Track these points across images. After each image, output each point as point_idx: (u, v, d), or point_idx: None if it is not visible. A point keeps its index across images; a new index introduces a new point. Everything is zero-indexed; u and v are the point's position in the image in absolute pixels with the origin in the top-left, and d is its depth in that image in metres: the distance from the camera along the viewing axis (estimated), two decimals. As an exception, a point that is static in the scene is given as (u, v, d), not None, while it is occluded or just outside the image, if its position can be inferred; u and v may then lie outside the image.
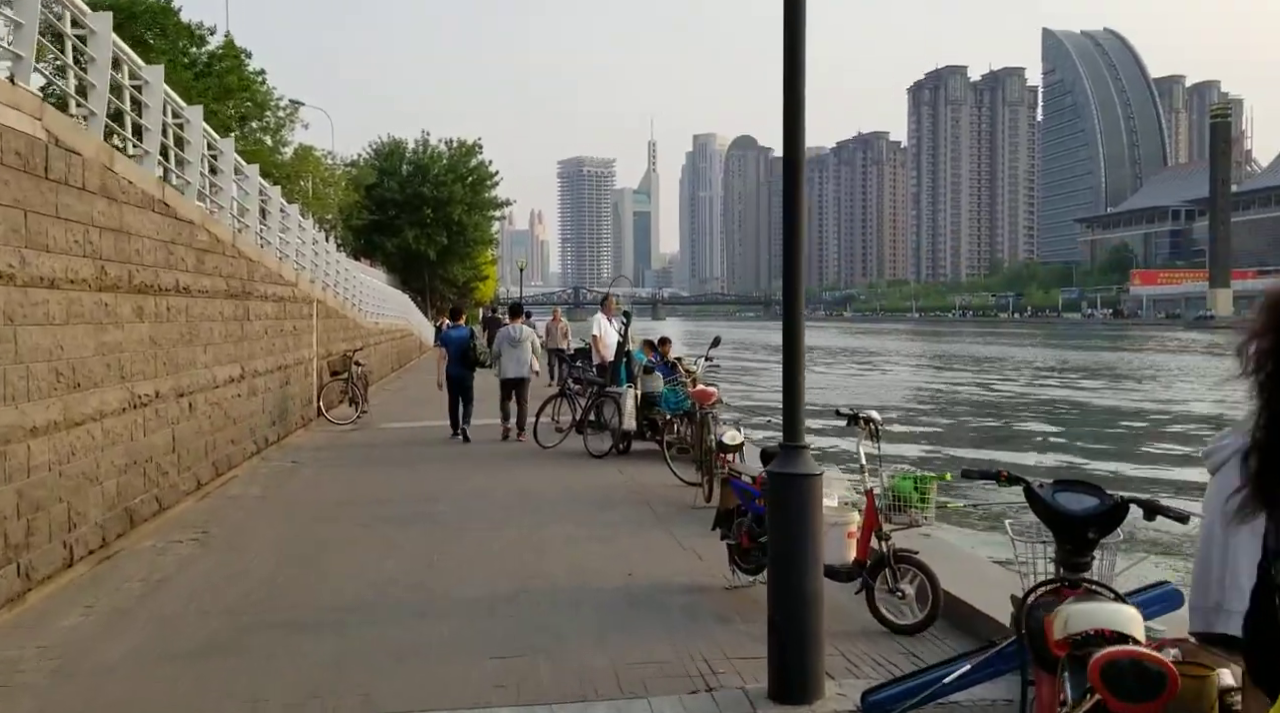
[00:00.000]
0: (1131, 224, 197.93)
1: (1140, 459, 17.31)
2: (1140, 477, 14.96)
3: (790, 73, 3.97)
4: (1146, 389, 31.82)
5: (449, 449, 12.49)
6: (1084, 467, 15.84)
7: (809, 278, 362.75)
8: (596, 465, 10.63)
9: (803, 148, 4.02)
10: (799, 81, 3.96)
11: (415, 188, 49.04)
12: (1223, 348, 61.90)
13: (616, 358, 11.65)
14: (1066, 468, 15.75)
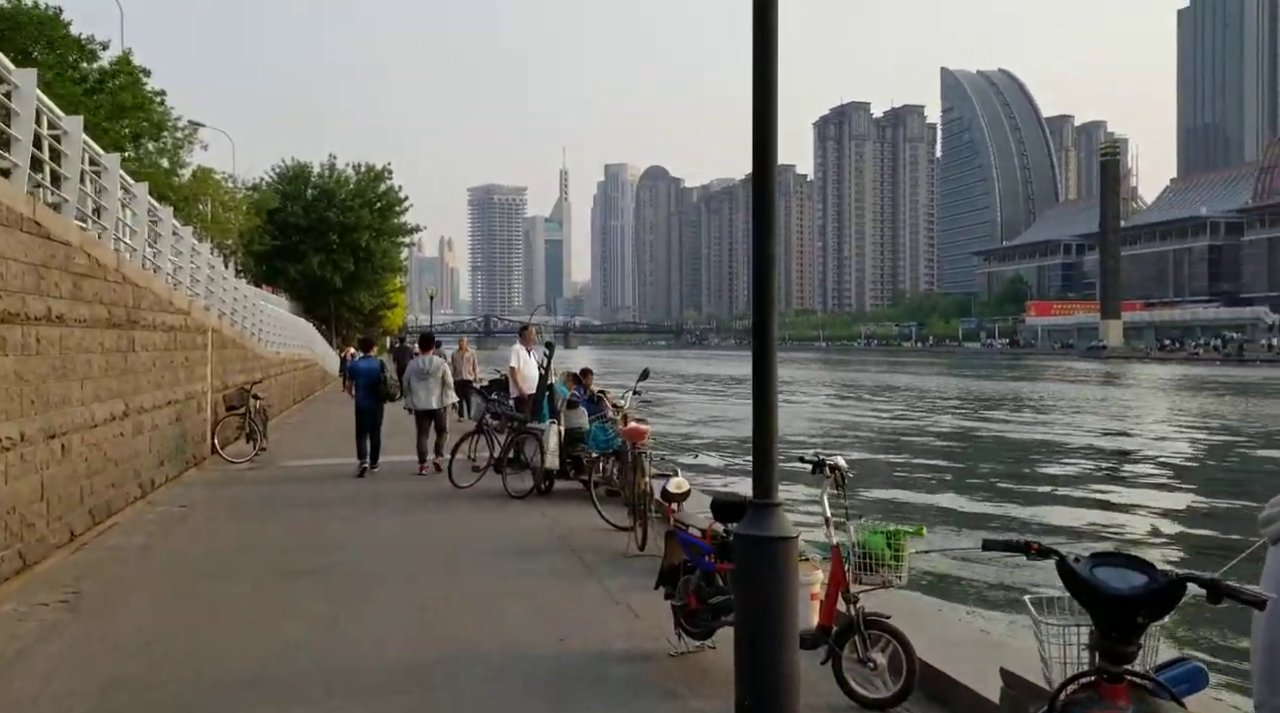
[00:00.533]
0: (1026, 257, 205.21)
1: (1048, 500, 17.29)
2: (1052, 523, 14.89)
3: (762, 97, 3.52)
4: (1054, 419, 32.35)
5: (357, 489, 11.67)
6: (987, 507, 15.39)
7: (718, 305, 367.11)
8: (517, 508, 9.96)
9: (773, 177, 3.55)
10: (771, 107, 3.51)
11: (321, 213, 47.68)
12: (1117, 378, 64.11)
13: (538, 392, 11.03)
14: (995, 512, 15.56)
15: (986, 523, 12.86)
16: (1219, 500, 15.20)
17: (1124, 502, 15.31)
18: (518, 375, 13.81)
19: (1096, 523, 12.93)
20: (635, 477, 7.64)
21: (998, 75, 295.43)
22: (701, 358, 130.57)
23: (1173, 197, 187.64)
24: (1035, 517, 13.85)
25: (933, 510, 14.18)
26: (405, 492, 11.28)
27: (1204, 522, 13.52)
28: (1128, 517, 13.92)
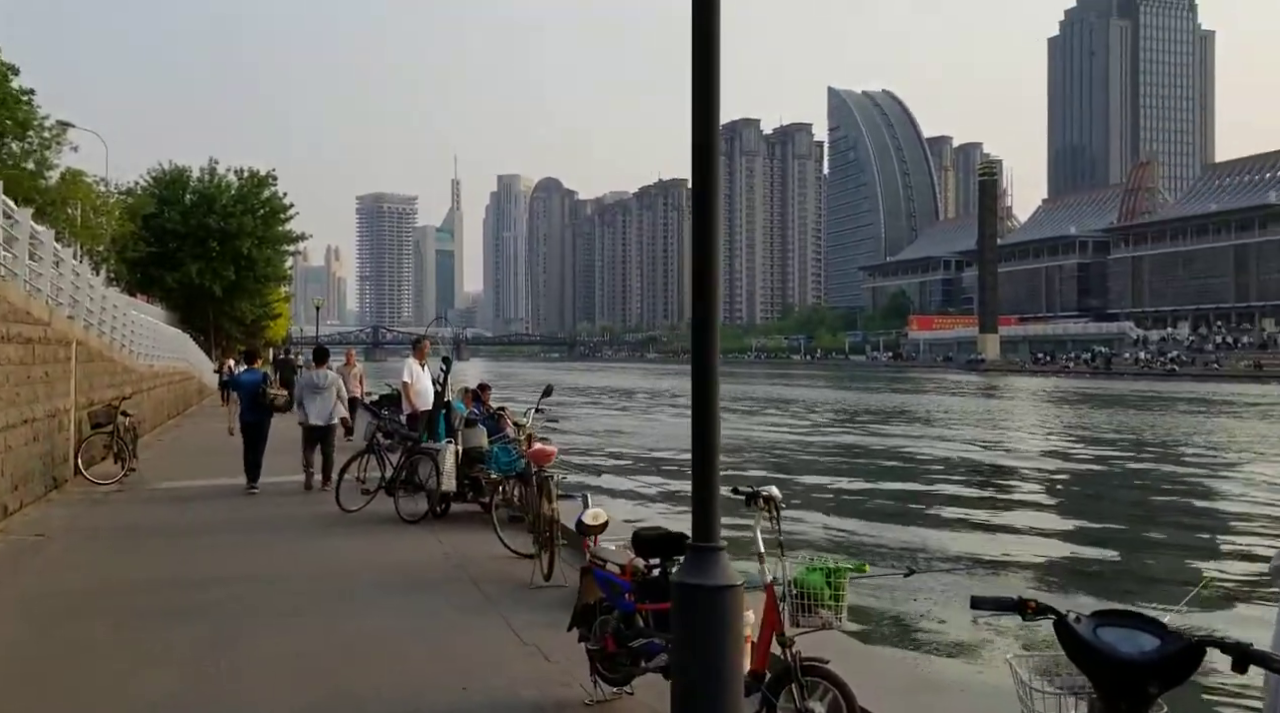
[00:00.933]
0: (908, 273, 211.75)
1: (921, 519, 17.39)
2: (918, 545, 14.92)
3: (703, 98, 3.17)
4: (938, 432, 32.98)
5: (235, 513, 10.87)
6: (872, 529, 14.41)
7: (612, 318, 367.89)
8: (411, 534, 9.35)
9: (716, 189, 3.20)
10: (713, 110, 3.17)
11: (200, 219, 45.65)
12: (997, 390, 66.37)
13: (434, 409, 10.44)
14: (879, 534, 15.38)
15: (872, 549, 12.53)
16: (1101, 522, 15.37)
17: (1004, 522, 14.95)
18: (411, 391, 13.19)
19: (976, 550, 12.24)
20: (541, 501, 7.18)
21: (881, 96, 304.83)
22: (595, 370, 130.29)
23: (1044, 216, 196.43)
24: (920, 540, 13.13)
25: (818, 532, 13.90)
26: (289, 516, 10.56)
27: (1086, 542, 13.49)
28: (1012, 538, 13.36)
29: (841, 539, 13.05)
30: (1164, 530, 14.06)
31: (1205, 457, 23.98)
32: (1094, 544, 13.10)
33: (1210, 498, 17.42)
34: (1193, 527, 14.51)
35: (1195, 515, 15.55)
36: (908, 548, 12.49)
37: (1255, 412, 41.70)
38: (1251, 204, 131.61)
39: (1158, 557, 12.48)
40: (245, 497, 12.15)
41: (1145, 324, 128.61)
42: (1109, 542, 13.33)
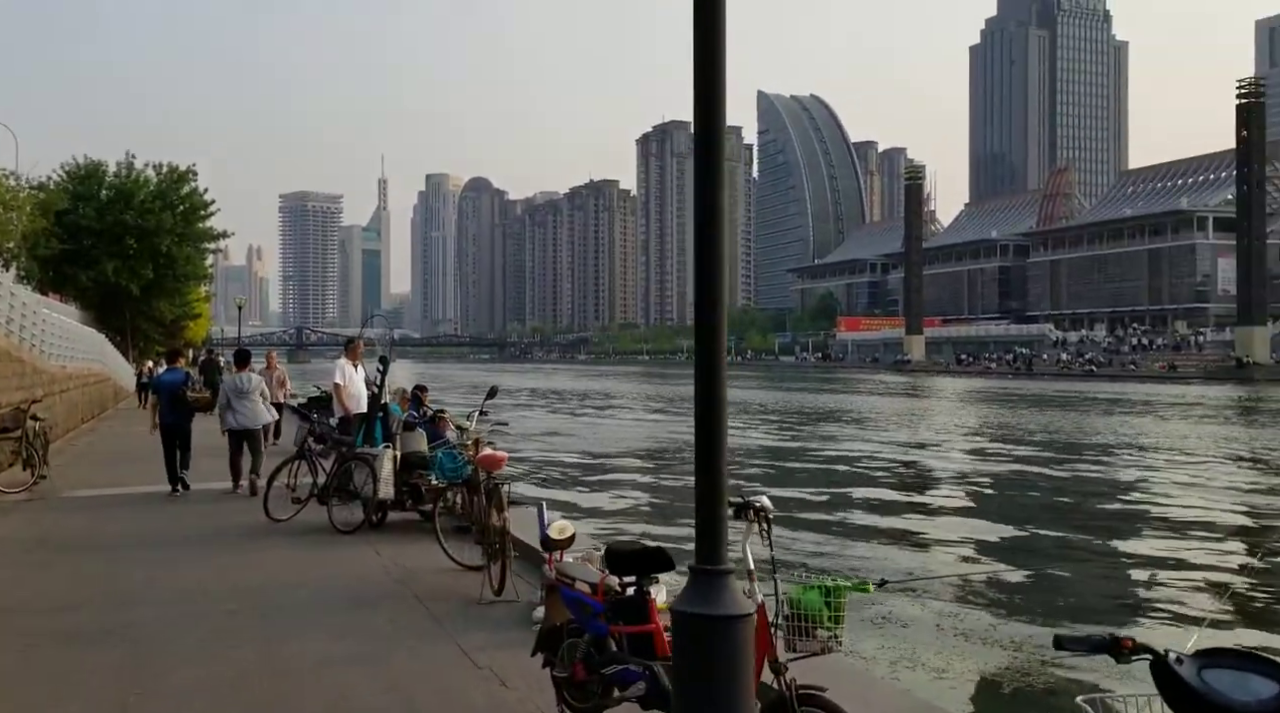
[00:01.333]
0: (836, 275, 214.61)
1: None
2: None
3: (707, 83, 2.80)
4: (868, 435, 33.10)
5: (156, 524, 10.20)
6: (796, 539, 13.66)
7: (542, 318, 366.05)
8: (347, 544, 8.82)
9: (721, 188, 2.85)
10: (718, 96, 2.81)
11: (116, 215, 43.90)
12: (925, 390, 67.32)
13: (370, 412, 9.90)
14: (800, 545, 15.21)
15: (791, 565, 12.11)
16: (1037, 527, 15.31)
17: (928, 529, 14.47)
18: (343, 394, 12.59)
19: (898, 561, 11.79)
20: (490, 511, 6.75)
21: (810, 100, 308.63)
22: (527, 371, 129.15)
23: (966, 220, 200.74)
24: (844, 551, 12.81)
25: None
26: (214, 527, 9.92)
27: (1014, 553, 13.32)
28: (940, 550, 12.97)
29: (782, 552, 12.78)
30: (1121, 537, 14.09)
31: (1138, 458, 24.40)
32: (1029, 552, 13.04)
33: (1142, 500, 17.63)
34: (1128, 532, 14.61)
35: (1131, 520, 15.69)
36: (866, 562, 12.27)
37: (1175, 411, 42.85)
38: (1164, 210, 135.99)
39: (1119, 570, 12.46)
40: (166, 506, 11.48)
41: (1064, 326, 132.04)
42: (1043, 548, 13.30)
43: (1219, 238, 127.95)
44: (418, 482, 9.42)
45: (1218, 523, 14.73)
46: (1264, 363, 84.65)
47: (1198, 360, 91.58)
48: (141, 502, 11.82)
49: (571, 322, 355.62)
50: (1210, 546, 13.02)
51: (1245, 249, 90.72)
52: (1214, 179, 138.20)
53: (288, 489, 10.01)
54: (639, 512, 15.66)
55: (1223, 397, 55.54)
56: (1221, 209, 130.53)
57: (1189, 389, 65.60)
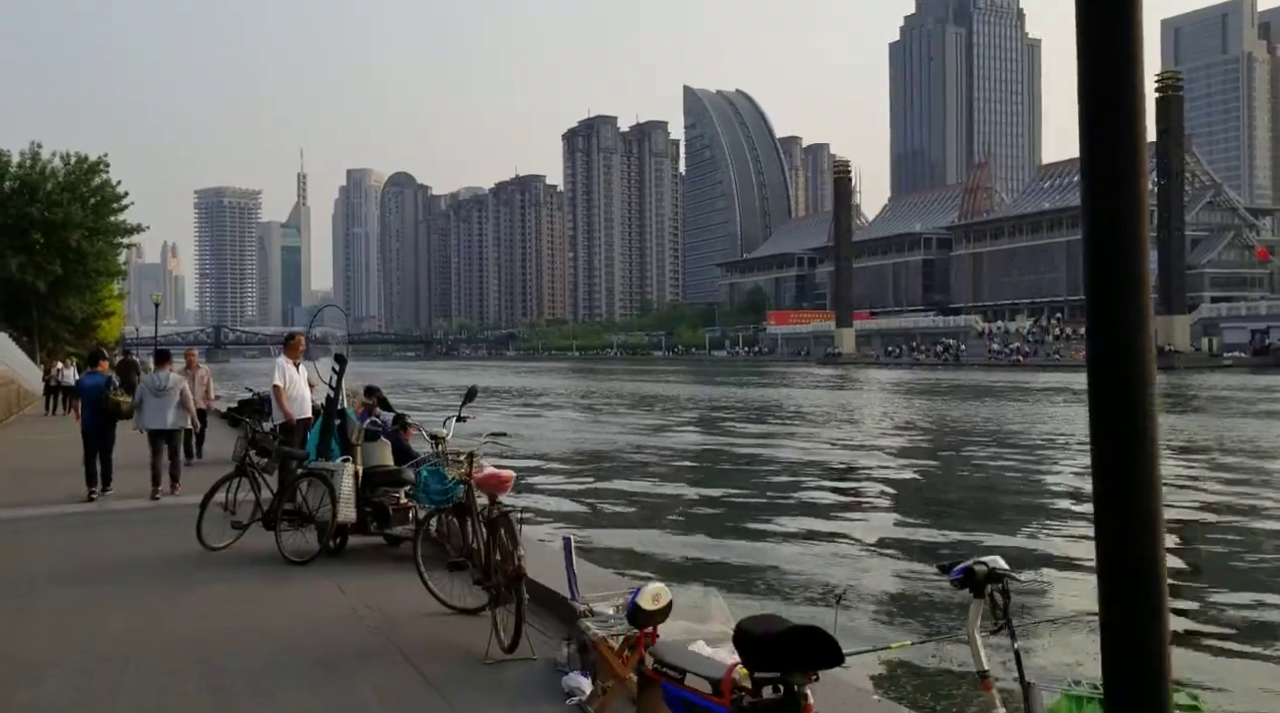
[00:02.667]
0: (764, 269, 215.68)
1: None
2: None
3: None
4: (803, 431, 32.34)
5: (65, 554, 8.66)
6: (719, 548, 12.28)
7: (468, 315, 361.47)
8: (303, 579, 7.39)
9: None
10: None
11: (21, 208, 41.24)
12: (857, 382, 67.29)
13: (327, 419, 8.48)
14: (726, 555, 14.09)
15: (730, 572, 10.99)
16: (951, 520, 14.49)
17: (851, 527, 13.40)
18: (283, 396, 11.16)
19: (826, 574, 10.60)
20: (497, 543, 5.47)
21: (736, 96, 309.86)
22: (455, 368, 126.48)
23: (890, 215, 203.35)
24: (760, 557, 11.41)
25: (675, 555, 12.18)
26: (139, 556, 8.42)
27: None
28: (872, 555, 11.82)
29: (696, 560, 11.63)
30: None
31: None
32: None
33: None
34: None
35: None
36: (819, 574, 11.22)
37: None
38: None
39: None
40: (84, 529, 9.94)
41: (987, 317, 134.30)
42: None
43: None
44: (382, 501, 8.09)
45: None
46: (1184, 351, 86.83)
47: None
48: (54, 525, 10.24)
49: (498, 318, 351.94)
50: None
51: (1165, 240, 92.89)
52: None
53: (225, 511, 8.54)
54: (647, 532, 13.52)
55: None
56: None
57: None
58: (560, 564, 5.11)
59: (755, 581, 9.95)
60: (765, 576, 10.25)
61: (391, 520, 8.01)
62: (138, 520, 10.36)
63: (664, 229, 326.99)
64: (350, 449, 8.22)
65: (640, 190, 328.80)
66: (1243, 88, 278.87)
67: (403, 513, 8.08)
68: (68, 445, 19.07)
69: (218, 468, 11.72)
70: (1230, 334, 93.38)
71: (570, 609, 4.83)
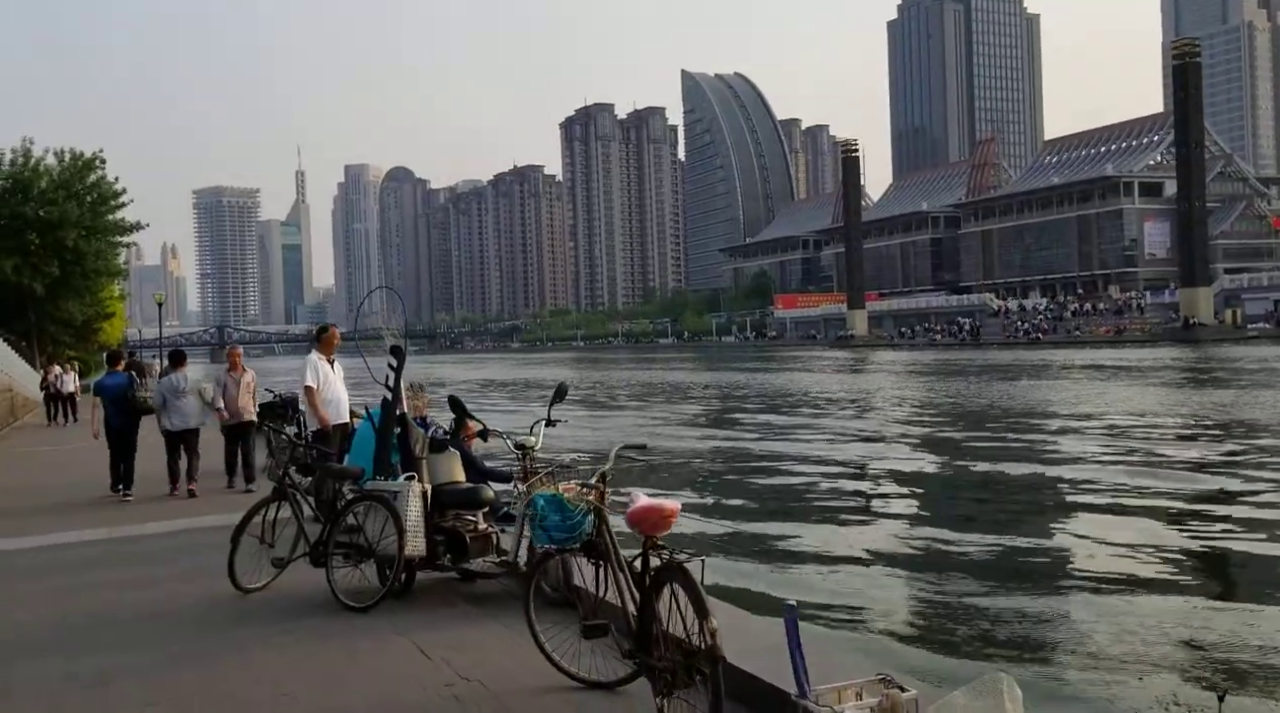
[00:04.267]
0: (768, 253, 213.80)
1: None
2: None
3: None
4: (827, 423, 30.73)
5: (79, 600, 7.09)
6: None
7: (470, 308, 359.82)
8: (369, 634, 5.77)
9: None
10: None
11: (14, 207, 39.76)
12: (875, 365, 65.68)
13: (384, 425, 6.89)
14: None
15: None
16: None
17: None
18: (316, 399, 9.63)
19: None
20: (656, 604, 3.91)
21: (735, 79, 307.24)
22: (460, 362, 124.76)
23: (895, 194, 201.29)
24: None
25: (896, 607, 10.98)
26: (159, 606, 6.79)
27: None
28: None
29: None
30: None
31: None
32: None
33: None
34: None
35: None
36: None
37: (1158, 376, 41.52)
38: (1090, 176, 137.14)
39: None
40: (87, 566, 8.38)
41: (999, 295, 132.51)
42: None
43: (1145, 202, 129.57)
44: (456, 527, 6.54)
45: None
46: (1208, 323, 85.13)
47: (1141, 324, 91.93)
48: (54, 561, 8.71)
49: (501, 310, 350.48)
50: None
51: (1186, 212, 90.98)
52: (1137, 145, 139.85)
53: (261, 543, 6.98)
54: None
55: (1187, 358, 54.76)
56: (1146, 174, 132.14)
57: (1144, 352, 65.07)
58: (762, 634, 3.56)
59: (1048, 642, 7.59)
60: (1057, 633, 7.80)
61: (469, 551, 6.45)
62: (158, 552, 8.81)
63: (665, 216, 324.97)
64: (414, 464, 6.66)
65: (640, 177, 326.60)
66: (1244, 57, 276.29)
67: (482, 542, 6.54)
68: (70, 458, 17.58)
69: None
70: (1249, 306, 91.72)
71: (792, 709, 3.31)
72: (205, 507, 11.08)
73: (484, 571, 6.46)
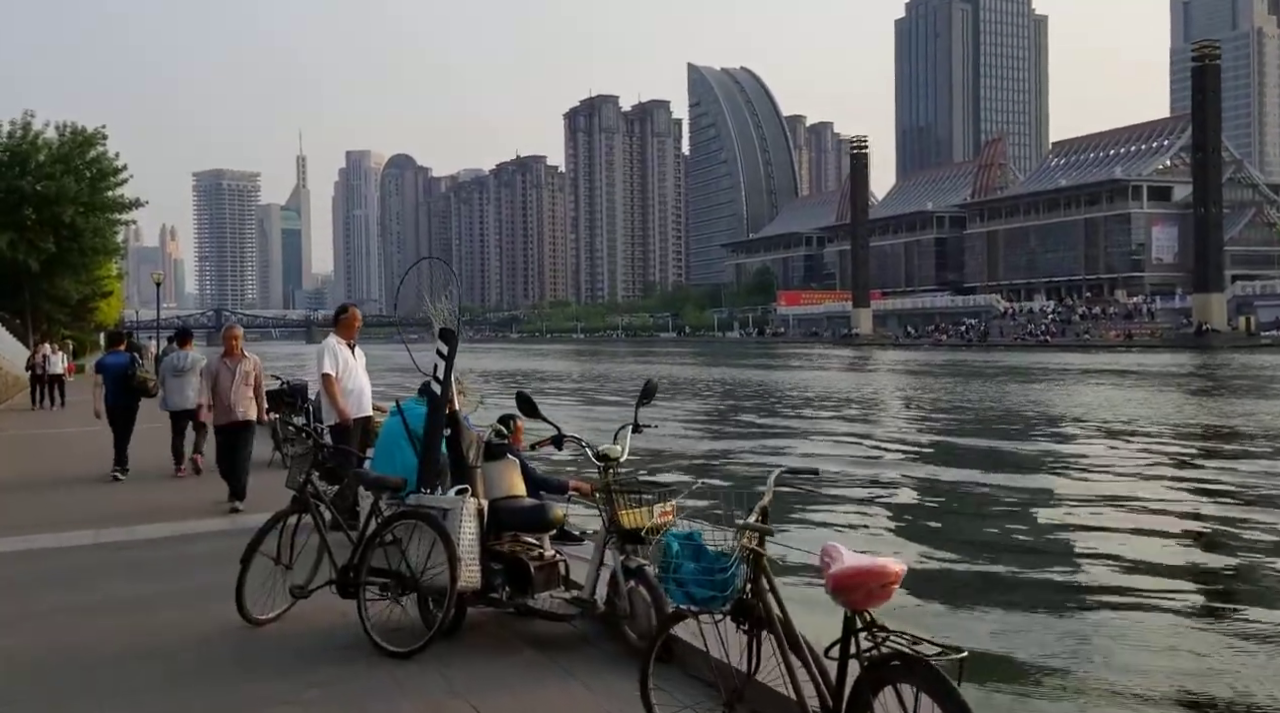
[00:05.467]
0: (771, 249, 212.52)
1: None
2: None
3: None
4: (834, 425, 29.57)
5: (63, 628, 5.89)
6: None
7: (470, 297, 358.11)
8: (421, 694, 4.49)
9: None
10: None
11: (11, 181, 38.39)
12: (881, 364, 64.51)
13: (432, 426, 5.63)
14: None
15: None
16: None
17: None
18: (336, 388, 8.40)
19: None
20: (874, 708, 2.72)
21: (741, 73, 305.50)
22: (462, 351, 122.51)
23: (899, 193, 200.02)
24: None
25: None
26: (152, 642, 5.54)
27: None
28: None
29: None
30: None
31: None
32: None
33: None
34: None
35: None
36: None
37: (1174, 382, 40.35)
38: (1098, 179, 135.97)
39: None
40: (70, 580, 7.11)
41: (1004, 296, 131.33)
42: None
43: (1153, 207, 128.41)
44: (517, 553, 5.32)
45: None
46: (1221, 330, 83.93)
47: (1151, 329, 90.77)
48: (32, 570, 7.47)
49: (500, 300, 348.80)
50: None
51: (1203, 216, 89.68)
52: (1146, 149, 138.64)
53: (276, 564, 5.74)
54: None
55: (1203, 364, 53.62)
56: (1155, 178, 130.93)
57: (1157, 357, 63.91)
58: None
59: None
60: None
61: (534, 584, 5.23)
62: (158, 563, 7.56)
63: (667, 210, 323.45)
64: (467, 474, 5.42)
65: (643, 171, 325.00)
66: (1253, 63, 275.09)
67: (548, 572, 5.32)
68: (57, 446, 16.30)
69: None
70: (1263, 313, 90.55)
71: None
72: (210, 506, 9.86)
73: (553, 612, 5.23)
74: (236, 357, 10.09)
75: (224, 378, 9.91)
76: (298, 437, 7.17)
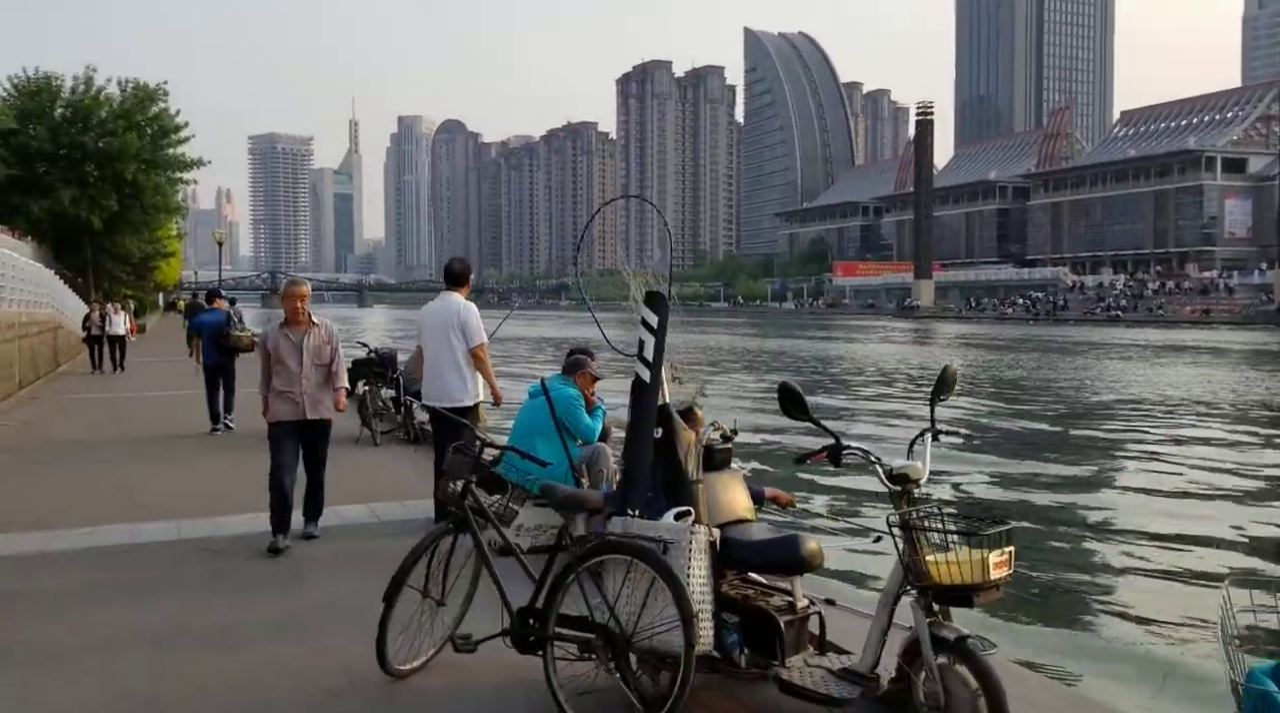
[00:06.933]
0: (826, 219, 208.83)
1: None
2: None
3: None
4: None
5: (133, 672, 4.65)
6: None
7: (519, 264, 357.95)
8: None
9: None
10: None
11: (74, 137, 37.93)
12: (963, 340, 62.30)
13: (639, 423, 4.08)
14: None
15: None
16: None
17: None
18: (488, 367, 7.08)
19: None
20: None
21: (798, 38, 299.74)
22: (514, 318, 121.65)
23: (958, 163, 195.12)
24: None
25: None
26: (259, 692, 4.34)
27: None
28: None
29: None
30: None
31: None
32: None
33: None
34: None
35: None
36: None
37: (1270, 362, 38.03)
38: (1170, 150, 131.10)
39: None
40: (136, 594, 5.75)
41: (1072, 269, 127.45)
42: None
43: (1227, 179, 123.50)
44: (758, 601, 3.91)
45: None
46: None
47: (1229, 305, 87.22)
48: (113, 582, 6.19)
49: (549, 267, 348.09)
50: None
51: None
52: (1219, 119, 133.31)
53: (424, 597, 4.37)
54: None
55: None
56: (1229, 149, 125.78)
57: (1237, 335, 61.09)
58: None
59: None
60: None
61: (784, 646, 3.81)
62: (255, 571, 6.27)
63: (719, 177, 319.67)
64: (686, 490, 4.00)
65: (695, 137, 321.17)
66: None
67: (799, 629, 3.89)
68: (121, 411, 15.17)
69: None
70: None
71: None
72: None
73: (815, 690, 3.72)
74: (303, 325, 6.88)
75: (288, 356, 6.77)
76: (477, 453, 5.75)
